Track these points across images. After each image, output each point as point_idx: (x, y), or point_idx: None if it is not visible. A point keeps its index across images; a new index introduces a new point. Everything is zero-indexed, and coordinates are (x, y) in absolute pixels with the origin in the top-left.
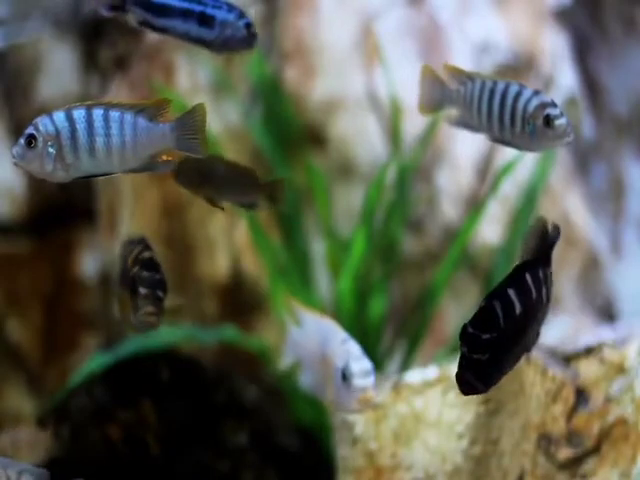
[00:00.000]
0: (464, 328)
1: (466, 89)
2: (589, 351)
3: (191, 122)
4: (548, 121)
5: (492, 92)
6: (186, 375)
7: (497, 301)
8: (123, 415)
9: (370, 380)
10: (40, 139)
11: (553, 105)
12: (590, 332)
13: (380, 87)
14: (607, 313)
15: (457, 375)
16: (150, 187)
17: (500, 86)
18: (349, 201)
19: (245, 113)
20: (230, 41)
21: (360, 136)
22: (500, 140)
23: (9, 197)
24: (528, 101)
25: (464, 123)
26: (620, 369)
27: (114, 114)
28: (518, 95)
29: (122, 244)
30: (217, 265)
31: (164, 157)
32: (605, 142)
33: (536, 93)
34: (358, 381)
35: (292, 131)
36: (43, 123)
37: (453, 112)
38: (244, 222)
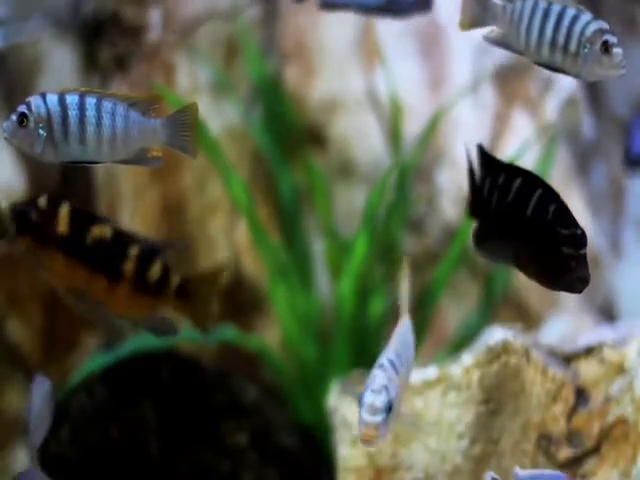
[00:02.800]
0: (567, 232)
1: (515, 7)
2: (589, 351)
3: (182, 120)
4: (606, 47)
5: (546, 13)
6: (186, 375)
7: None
8: (123, 415)
9: (376, 419)
10: (32, 119)
11: (612, 33)
12: (590, 332)
13: (380, 87)
14: (607, 313)
15: (572, 278)
16: (150, 187)
17: (555, 7)
18: (349, 201)
19: (245, 113)
20: (404, 4)
21: (360, 136)
22: (546, 64)
23: (9, 196)
24: (586, 25)
25: (504, 42)
26: (620, 369)
27: (107, 104)
28: (576, 18)
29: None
30: (217, 265)
31: (154, 152)
32: (605, 142)
33: (595, 18)
34: (365, 415)
35: (292, 131)
36: (36, 104)
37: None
38: (244, 222)
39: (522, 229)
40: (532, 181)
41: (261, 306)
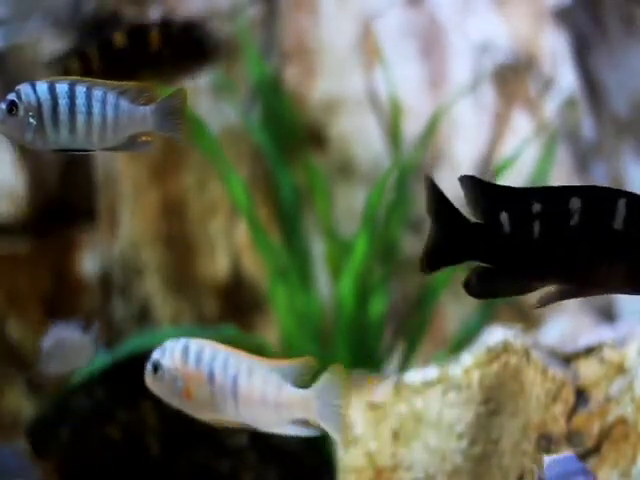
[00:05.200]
0: None
1: None
2: (589, 351)
3: (171, 105)
4: None
5: None
6: None
7: None
8: (123, 415)
9: (148, 365)
10: (21, 107)
11: None
12: (590, 332)
13: (380, 87)
14: (607, 313)
15: None
16: (150, 187)
17: None
18: (349, 201)
19: (245, 113)
20: None
21: (360, 136)
22: None
23: (9, 197)
24: None
25: None
26: (620, 369)
27: (97, 92)
28: None
29: None
30: (217, 265)
31: (143, 138)
32: (605, 142)
33: None
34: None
35: (292, 131)
36: (25, 93)
37: None
38: (244, 222)
39: (611, 246)
40: (600, 194)
41: (261, 306)
